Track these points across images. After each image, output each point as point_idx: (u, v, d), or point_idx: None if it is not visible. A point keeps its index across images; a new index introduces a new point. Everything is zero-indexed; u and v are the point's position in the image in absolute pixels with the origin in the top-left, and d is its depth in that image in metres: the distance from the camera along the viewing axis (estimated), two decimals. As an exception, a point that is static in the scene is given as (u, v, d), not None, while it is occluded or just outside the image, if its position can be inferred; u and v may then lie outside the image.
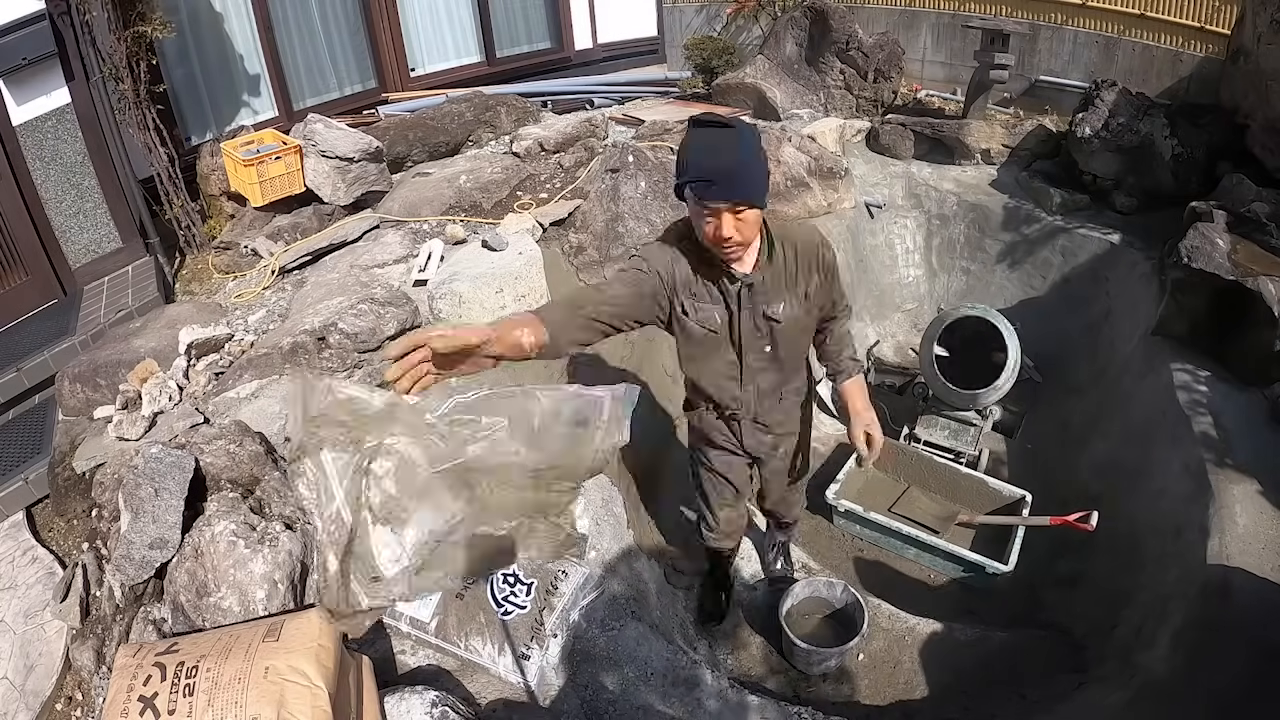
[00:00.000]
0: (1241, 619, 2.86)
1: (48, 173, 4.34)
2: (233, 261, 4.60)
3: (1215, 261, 4.03)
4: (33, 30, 4.07)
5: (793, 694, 3.20)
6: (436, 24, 7.31)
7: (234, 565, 2.39)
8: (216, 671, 1.81)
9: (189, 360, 3.55)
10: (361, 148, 4.80)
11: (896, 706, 3.26)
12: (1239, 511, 3.22)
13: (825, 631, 3.40)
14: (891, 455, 4.36)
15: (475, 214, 4.73)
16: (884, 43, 6.65)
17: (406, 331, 3.66)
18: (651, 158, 4.91)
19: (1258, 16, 4.86)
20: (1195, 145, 5.14)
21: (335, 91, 6.69)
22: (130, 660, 1.89)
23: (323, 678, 1.85)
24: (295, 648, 1.89)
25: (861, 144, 6.33)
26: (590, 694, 2.61)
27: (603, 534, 3.17)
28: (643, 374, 4.12)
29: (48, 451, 3.46)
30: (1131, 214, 5.30)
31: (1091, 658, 3.27)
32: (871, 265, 5.77)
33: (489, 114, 6.04)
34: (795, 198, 5.35)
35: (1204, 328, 4.14)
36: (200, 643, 1.95)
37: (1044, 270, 5.39)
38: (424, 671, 2.58)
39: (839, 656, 3.25)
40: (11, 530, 3.29)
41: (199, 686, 1.78)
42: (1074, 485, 4.25)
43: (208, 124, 5.83)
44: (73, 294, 4.52)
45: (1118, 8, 6.37)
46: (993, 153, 5.95)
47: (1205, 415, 3.73)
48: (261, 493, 2.73)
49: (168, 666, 1.84)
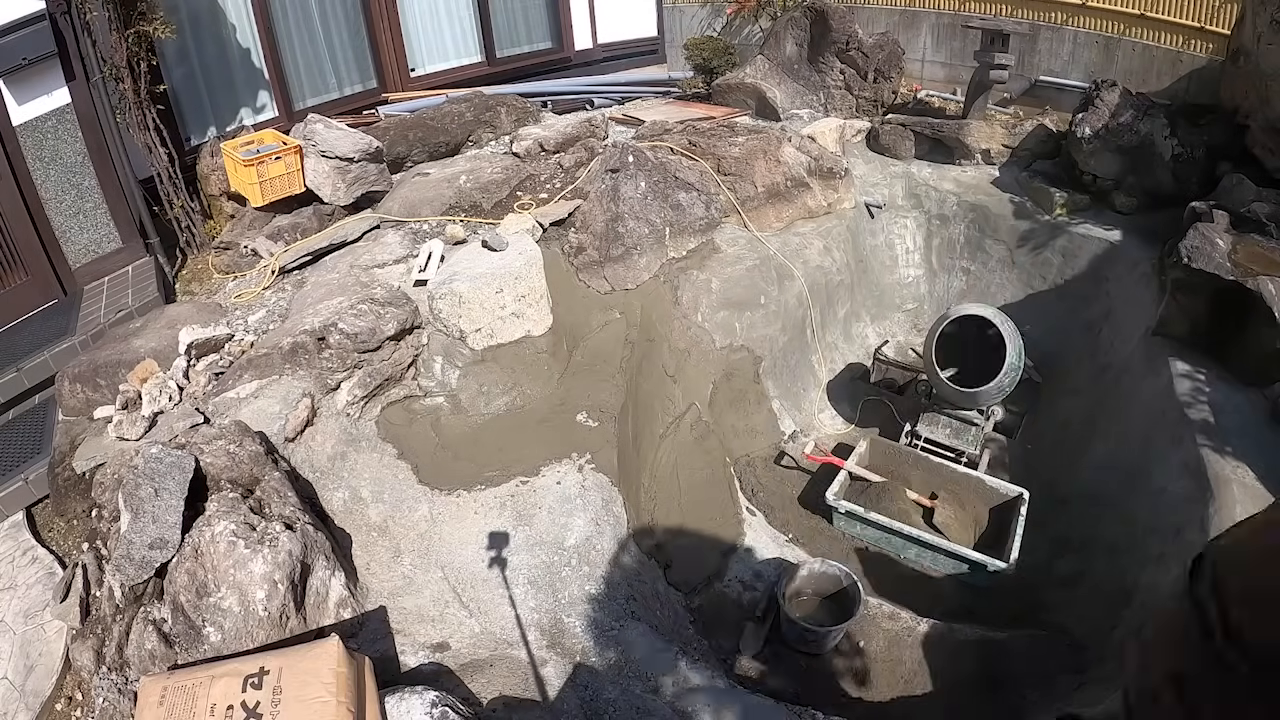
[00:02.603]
0: (1241, 619, 2.85)
1: (48, 173, 4.34)
2: (233, 261, 4.60)
3: (1215, 261, 4.03)
4: (33, 30, 4.07)
5: (793, 693, 3.20)
6: (436, 24, 7.31)
7: (234, 565, 2.39)
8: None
9: (189, 360, 3.54)
10: (361, 148, 4.80)
11: (897, 705, 3.26)
12: (1239, 511, 3.22)
13: (822, 613, 3.46)
14: (890, 455, 4.38)
15: (475, 214, 4.73)
16: (884, 43, 6.65)
17: (406, 331, 3.66)
18: (651, 158, 4.91)
19: (1258, 16, 4.86)
20: (1195, 145, 5.14)
21: (335, 91, 6.69)
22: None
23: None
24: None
25: (861, 144, 6.33)
26: (590, 694, 2.61)
27: (603, 534, 3.17)
28: (642, 374, 4.12)
29: (48, 451, 3.46)
30: (1131, 214, 5.30)
31: (1091, 658, 3.27)
32: (871, 265, 5.77)
33: (489, 114, 6.04)
34: (795, 198, 5.35)
35: (1204, 328, 4.14)
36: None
37: (1044, 270, 5.39)
38: (424, 671, 2.58)
39: (835, 635, 3.29)
40: (11, 530, 3.29)
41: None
42: (1074, 485, 4.25)
43: (208, 124, 5.83)
44: (73, 294, 4.51)
45: (1118, 8, 6.37)
46: (993, 153, 5.95)
47: (1205, 415, 3.73)
48: (261, 493, 2.73)
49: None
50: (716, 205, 5.02)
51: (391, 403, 3.59)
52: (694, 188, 4.95)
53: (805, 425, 4.79)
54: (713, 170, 5.19)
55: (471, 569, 2.98)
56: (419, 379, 3.69)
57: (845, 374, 5.20)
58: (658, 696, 2.64)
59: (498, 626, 2.78)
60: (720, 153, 5.26)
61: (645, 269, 4.57)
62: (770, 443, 4.57)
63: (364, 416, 3.47)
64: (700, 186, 4.99)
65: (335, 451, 3.25)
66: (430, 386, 3.69)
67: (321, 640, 2.27)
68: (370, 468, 3.28)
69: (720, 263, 4.77)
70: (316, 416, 3.32)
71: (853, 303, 5.48)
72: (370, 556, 2.96)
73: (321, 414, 3.34)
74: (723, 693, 2.70)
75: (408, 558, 3.00)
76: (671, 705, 2.62)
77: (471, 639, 2.73)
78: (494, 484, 3.33)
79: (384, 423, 3.50)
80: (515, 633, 2.77)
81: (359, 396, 3.46)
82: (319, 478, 3.14)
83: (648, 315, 4.37)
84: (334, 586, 2.62)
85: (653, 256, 4.63)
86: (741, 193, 5.17)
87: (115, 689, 2.35)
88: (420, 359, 3.72)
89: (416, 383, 3.69)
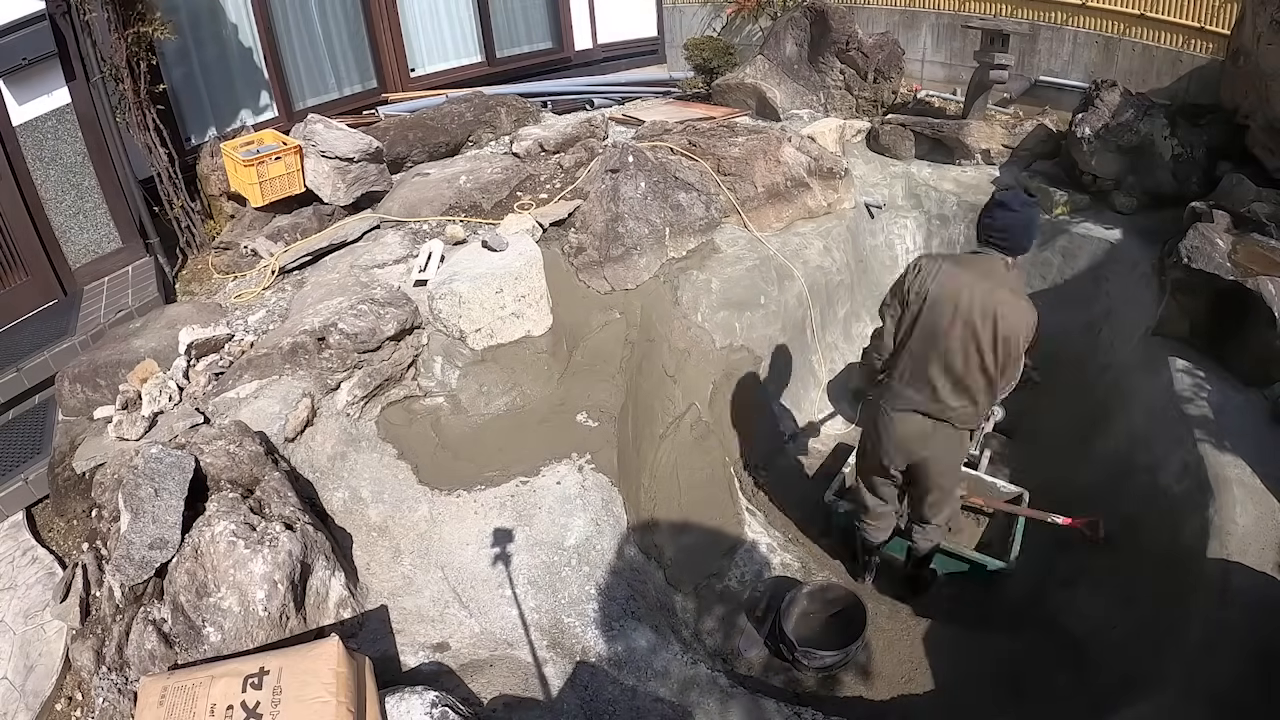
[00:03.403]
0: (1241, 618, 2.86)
1: (48, 173, 4.34)
2: (233, 262, 4.60)
3: (1215, 261, 4.03)
4: (33, 30, 4.07)
5: (793, 694, 3.20)
6: (436, 24, 7.31)
7: (234, 565, 2.39)
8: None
9: (189, 360, 3.54)
10: (361, 148, 4.80)
11: (896, 704, 3.26)
12: (1239, 512, 3.22)
13: (827, 631, 3.42)
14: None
15: (475, 214, 4.73)
16: (884, 43, 6.65)
17: (407, 331, 3.67)
18: (651, 158, 4.91)
19: (1257, 17, 4.86)
20: (1195, 145, 5.14)
21: (335, 92, 6.69)
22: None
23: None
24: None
25: (861, 144, 6.34)
26: (590, 694, 2.61)
27: (603, 534, 3.17)
28: (642, 374, 4.12)
29: (48, 452, 3.46)
30: (1131, 214, 5.30)
31: (1091, 658, 3.27)
32: (871, 265, 5.77)
33: (489, 114, 6.03)
34: (795, 198, 5.35)
35: (1204, 328, 4.14)
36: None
37: (1044, 270, 5.39)
38: (424, 671, 2.58)
39: (838, 658, 3.27)
40: (11, 530, 3.29)
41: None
42: (1074, 485, 4.25)
43: (208, 124, 5.83)
44: (73, 294, 4.51)
45: (1118, 8, 6.37)
46: (993, 153, 5.95)
47: (1205, 415, 3.73)
48: (261, 493, 2.73)
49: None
50: (716, 205, 5.03)
51: (391, 403, 3.59)
52: (694, 188, 4.95)
53: (805, 425, 4.79)
54: (713, 170, 5.19)
55: (471, 569, 2.98)
56: (419, 379, 3.70)
57: (845, 374, 5.19)
58: (658, 696, 2.64)
59: (498, 626, 2.78)
60: (720, 153, 5.26)
61: (645, 269, 4.57)
62: (770, 443, 4.57)
63: (364, 416, 3.47)
64: (700, 187, 4.99)
65: (335, 451, 3.25)
66: (430, 386, 3.69)
67: (321, 640, 2.27)
68: (370, 468, 3.28)
69: (720, 263, 4.77)
70: (316, 416, 3.32)
71: (853, 303, 5.48)
72: (370, 556, 2.97)
73: (321, 414, 3.34)
74: (723, 692, 2.71)
75: (408, 558, 3.00)
76: (672, 705, 2.62)
77: (471, 639, 2.73)
78: (494, 484, 3.33)
79: (384, 423, 3.50)
80: (515, 633, 2.77)
81: (359, 397, 3.46)
82: (319, 478, 3.14)
83: (648, 315, 4.37)
84: (334, 586, 2.62)
85: (653, 256, 4.63)
86: (741, 193, 5.17)
87: (115, 689, 2.35)
88: (420, 359, 3.72)
89: (416, 383, 3.69)
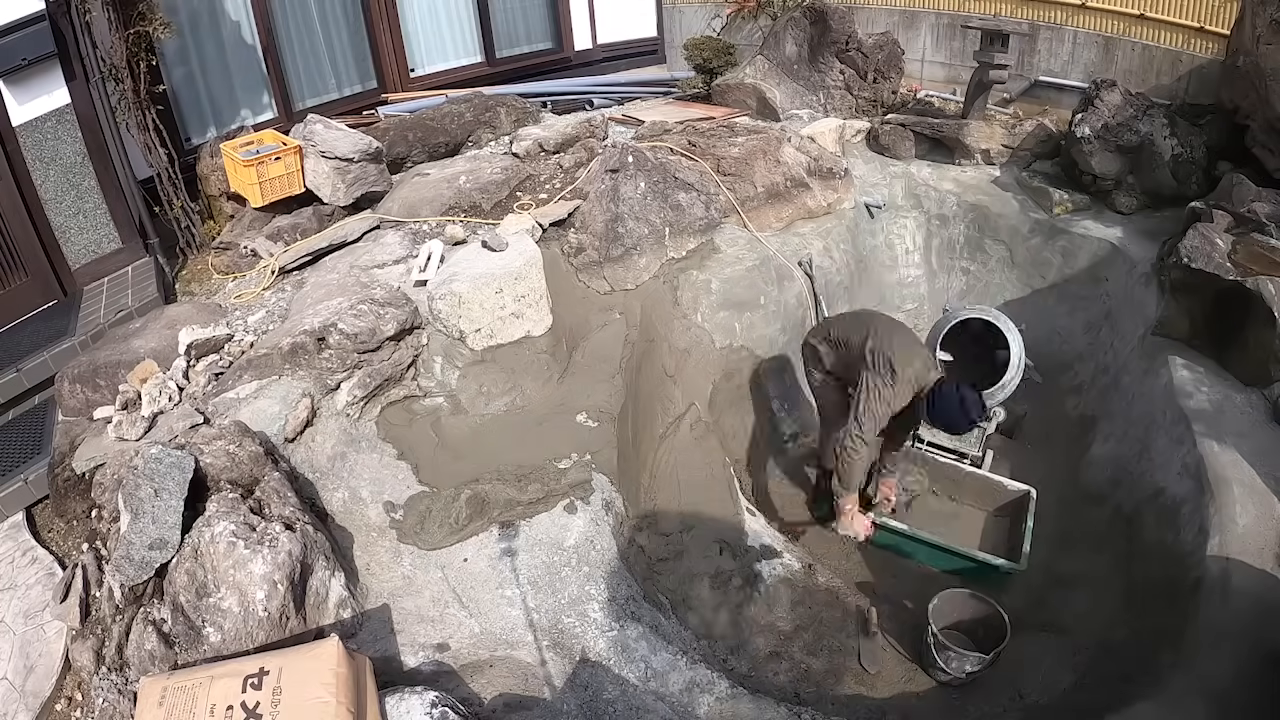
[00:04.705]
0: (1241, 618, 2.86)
1: (47, 173, 4.33)
2: (232, 262, 4.59)
3: (1215, 261, 4.03)
4: (33, 30, 4.07)
5: (793, 694, 3.20)
6: (436, 24, 7.31)
7: (234, 566, 2.39)
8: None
9: (189, 361, 3.54)
10: (361, 148, 4.80)
11: (896, 703, 3.26)
12: (1239, 511, 3.22)
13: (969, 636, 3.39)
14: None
15: (475, 214, 4.73)
16: (884, 43, 6.64)
17: (406, 331, 3.66)
18: (651, 158, 4.91)
19: (1257, 17, 4.86)
20: (1195, 145, 5.14)
21: (335, 92, 6.68)
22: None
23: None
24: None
25: (861, 144, 6.33)
26: (590, 694, 2.61)
27: (602, 534, 3.17)
28: (642, 374, 4.12)
29: (48, 452, 3.46)
30: (1131, 214, 5.30)
31: (1091, 658, 3.27)
32: (871, 265, 5.77)
33: (489, 114, 6.03)
34: (795, 198, 5.35)
35: (1204, 328, 4.14)
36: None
37: (1044, 270, 5.39)
38: (424, 672, 2.58)
39: (987, 661, 3.21)
40: (11, 530, 3.29)
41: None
42: (1074, 485, 4.25)
43: (208, 124, 5.83)
44: (72, 294, 4.51)
45: (1118, 8, 6.37)
46: (993, 153, 5.95)
47: (1205, 415, 3.73)
48: (261, 493, 2.73)
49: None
50: (716, 205, 5.02)
51: (391, 403, 3.59)
52: (694, 188, 4.95)
53: (805, 426, 4.79)
54: (712, 170, 5.19)
55: (471, 569, 2.98)
56: (419, 379, 3.69)
57: (845, 374, 5.19)
58: (658, 696, 2.64)
59: (498, 627, 2.78)
60: (720, 153, 5.26)
61: (645, 269, 4.57)
62: (770, 443, 4.57)
63: (364, 417, 3.47)
64: (700, 187, 4.99)
65: (335, 452, 3.25)
66: (430, 387, 3.69)
67: (321, 640, 2.27)
68: (370, 468, 3.28)
69: (720, 263, 4.77)
70: (316, 417, 3.32)
71: (852, 303, 5.47)
72: (370, 556, 2.97)
73: (321, 414, 3.34)
74: (723, 693, 2.71)
75: (408, 558, 3.00)
76: (671, 705, 2.62)
77: (471, 639, 2.73)
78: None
79: (384, 423, 3.50)
80: (515, 633, 2.77)
81: (359, 397, 3.46)
82: (319, 478, 3.14)
83: (647, 315, 4.37)
84: (334, 587, 2.62)
85: (652, 257, 4.63)
86: (741, 193, 5.17)
87: (115, 689, 2.35)
88: (420, 359, 3.72)
89: (416, 383, 3.69)
